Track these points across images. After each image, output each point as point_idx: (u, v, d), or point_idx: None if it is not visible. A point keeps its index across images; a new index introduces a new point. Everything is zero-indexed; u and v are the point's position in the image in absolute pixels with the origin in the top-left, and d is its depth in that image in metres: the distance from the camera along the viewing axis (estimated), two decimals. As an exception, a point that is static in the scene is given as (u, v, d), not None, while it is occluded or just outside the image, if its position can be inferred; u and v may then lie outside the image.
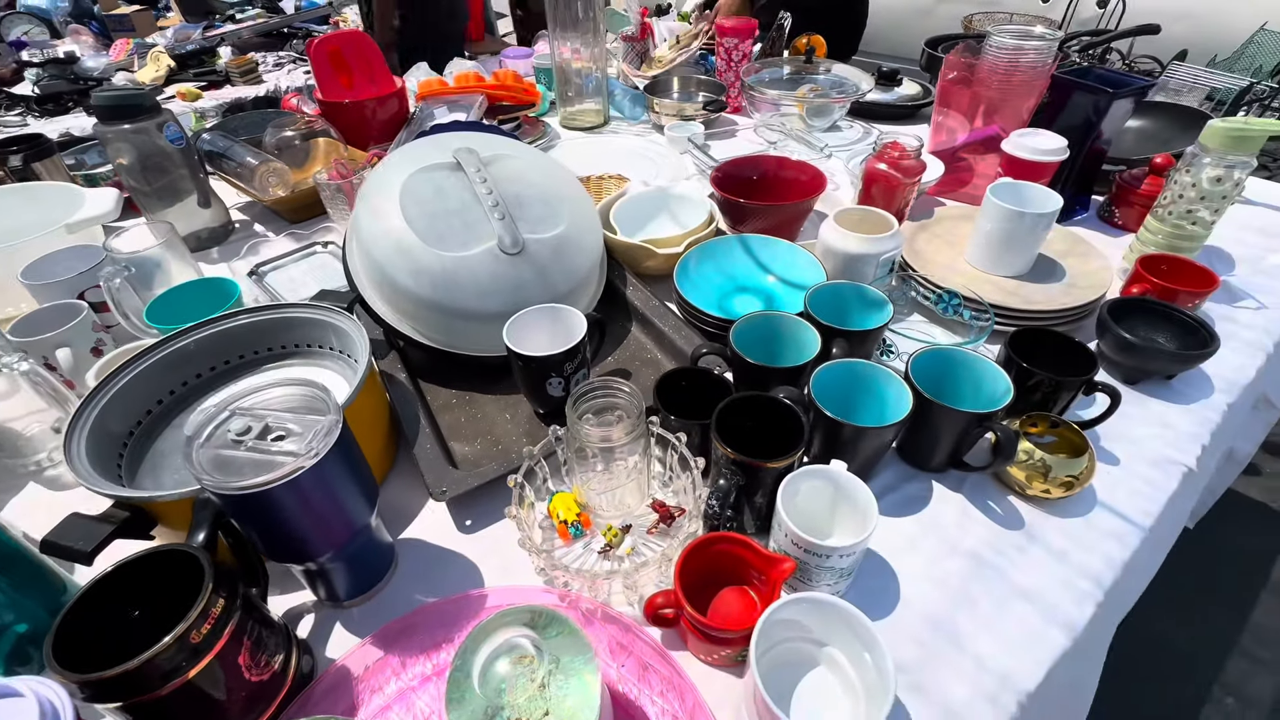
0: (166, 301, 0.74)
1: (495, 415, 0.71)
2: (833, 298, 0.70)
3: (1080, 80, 0.93)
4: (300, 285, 0.90)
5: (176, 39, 2.46)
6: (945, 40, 1.42)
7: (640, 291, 0.83)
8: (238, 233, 1.07)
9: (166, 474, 0.59)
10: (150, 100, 0.91)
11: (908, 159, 0.89)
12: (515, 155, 0.78)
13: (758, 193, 0.97)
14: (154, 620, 0.40)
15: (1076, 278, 0.82)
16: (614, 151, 1.31)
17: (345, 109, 1.19)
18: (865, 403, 0.61)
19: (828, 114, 1.30)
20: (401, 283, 0.69)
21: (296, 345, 0.70)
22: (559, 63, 1.35)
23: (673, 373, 0.63)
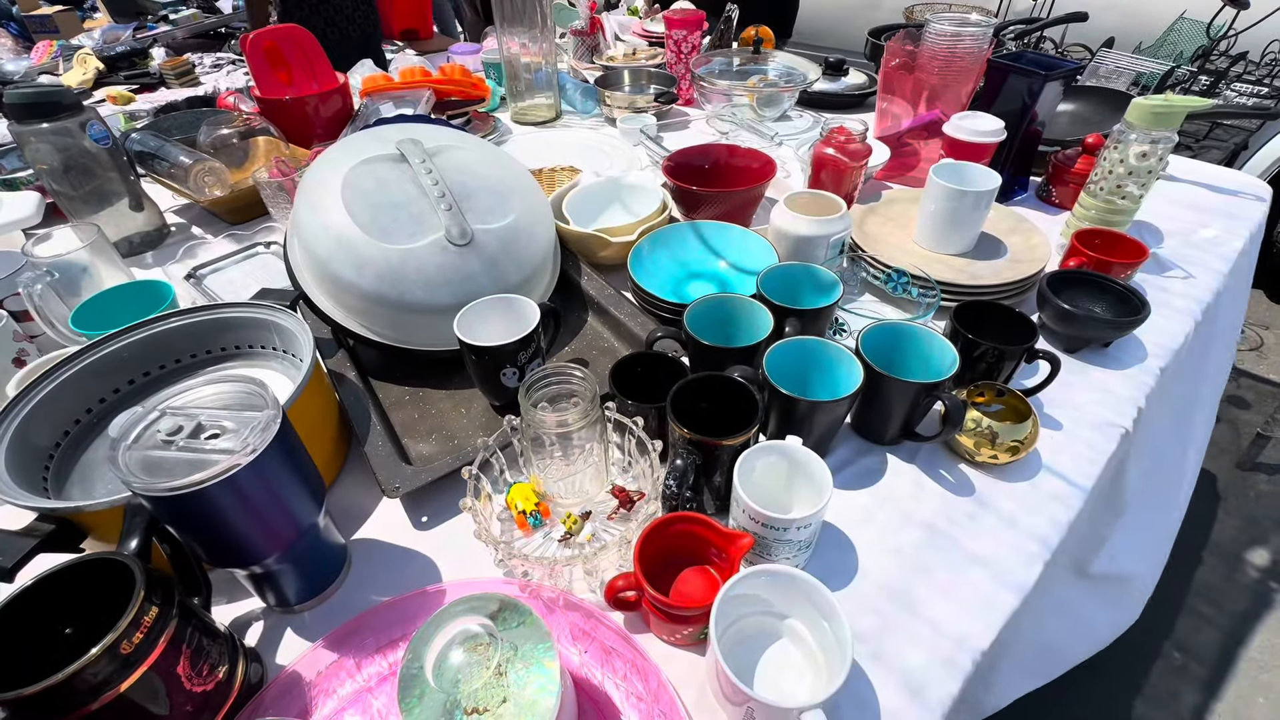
0: (94, 307, 0.70)
1: (449, 411, 0.70)
2: (785, 279, 0.71)
3: (1014, 64, 0.96)
4: (241, 287, 0.87)
5: (105, 40, 2.34)
6: (888, 30, 1.46)
7: (595, 281, 0.82)
8: (174, 236, 1.02)
9: (99, 485, 0.56)
10: (70, 97, 0.86)
11: (854, 143, 0.90)
12: (462, 146, 0.77)
13: (710, 181, 0.97)
14: (87, 635, 0.38)
15: (1019, 253, 0.85)
16: (567, 145, 1.30)
17: (285, 106, 1.15)
18: (819, 379, 0.62)
19: (777, 104, 1.31)
20: (346, 278, 0.67)
21: (237, 347, 0.67)
22: (508, 57, 1.33)
23: (628, 358, 0.63)
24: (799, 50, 2.64)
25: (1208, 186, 1.10)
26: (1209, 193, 1.09)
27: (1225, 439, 1.74)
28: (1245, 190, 1.09)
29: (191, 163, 0.96)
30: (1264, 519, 1.55)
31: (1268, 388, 1.91)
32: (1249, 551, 1.48)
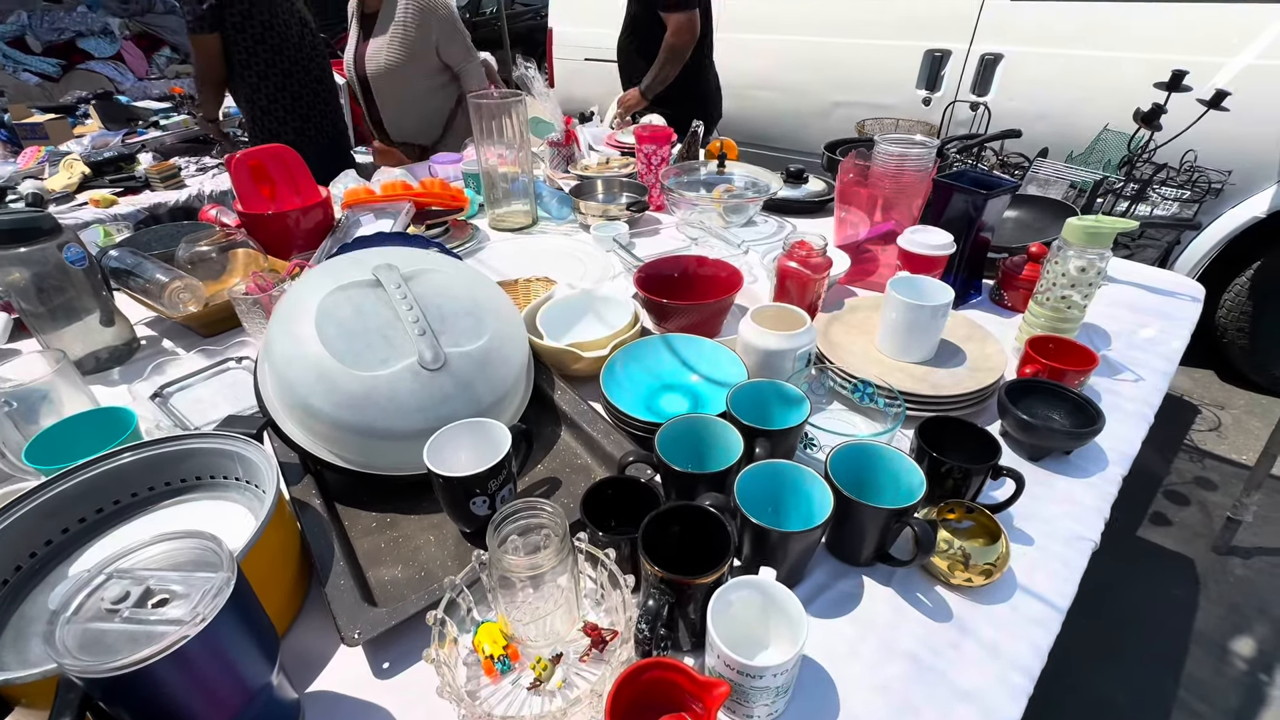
0: (51, 438, 0.68)
1: (419, 537, 0.68)
2: (753, 396, 0.72)
3: (957, 184, 1.03)
4: (209, 406, 0.86)
5: (94, 145, 2.42)
6: (841, 144, 1.57)
7: (568, 395, 0.83)
8: (144, 350, 1.01)
9: (34, 644, 0.52)
10: (49, 222, 0.88)
11: (815, 256, 0.95)
12: (437, 269, 0.79)
13: (679, 290, 1.01)
14: None
15: (976, 361, 0.88)
16: (542, 252, 1.35)
17: (267, 220, 1.18)
18: (791, 501, 0.62)
19: (743, 211, 1.39)
20: (317, 406, 0.66)
21: (198, 478, 0.66)
22: (486, 168, 1.40)
23: (600, 483, 0.63)
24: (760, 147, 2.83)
25: (1145, 287, 1.17)
26: (1147, 293, 1.16)
27: (1198, 522, 1.76)
28: (1180, 291, 1.16)
29: (168, 280, 0.97)
30: (1246, 606, 1.54)
31: (1230, 468, 1.95)
32: (1234, 641, 1.46)
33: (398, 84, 2.03)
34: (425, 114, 2.13)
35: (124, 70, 3.90)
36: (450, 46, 1.99)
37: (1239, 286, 2.15)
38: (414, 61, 1.97)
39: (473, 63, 2.06)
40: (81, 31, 3.84)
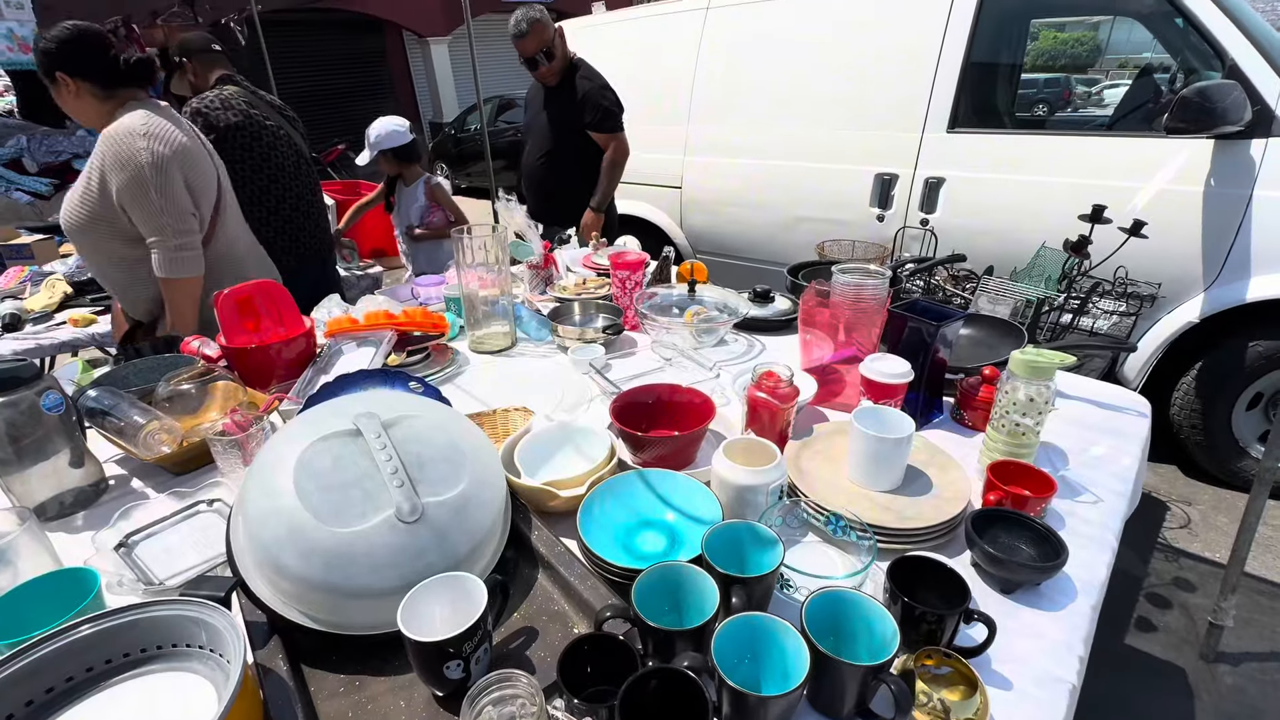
0: (7, 606, 0.66)
1: (389, 702, 0.65)
2: (728, 539, 0.73)
3: (909, 314, 1.11)
4: (177, 555, 0.84)
5: (78, 265, 2.46)
6: (804, 267, 1.69)
7: (545, 535, 0.83)
8: (112, 490, 1.00)
9: None
10: (30, 370, 0.89)
11: (782, 386, 1.00)
12: (417, 415, 0.81)
13: (654, 417, 1.04)
14: None
15: (941, 488, 0.91)
16: (521, 374, 1.39)
17: (250, 353, 1.21)
18: (768, 653, 0.62)
19: (714, 333, 1.46)
20: (290, 565, 0.66)
21: (159, 647, 0.63)
22: (467, 292, 1.46)
23: (576, 642, 0.62)
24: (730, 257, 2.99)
25: (1093, 403, 1.24)
26: (1095, 409, 1.22)
27: (1182, 627, 1.75)
28: (1128, 407, 1.23)
29: (144, 422, 0.97)
30: (1239, 715, 1.51)
31: (1207, 567, 1.97)
32: (1236, 757, 1.42)
33: (85, 246, 1.54)
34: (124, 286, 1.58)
35: (116, 187, 4.05)
36: (134, 211, 1.41)
37: (1186, 385, 2.27)
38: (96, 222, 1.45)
39: (163, 244, 1.43)
40: (78, 153, 4.02)
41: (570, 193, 2.64)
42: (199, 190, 1.51)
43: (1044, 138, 2.39)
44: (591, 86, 2.50)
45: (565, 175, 2.65)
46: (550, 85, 2.56)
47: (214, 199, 1.58)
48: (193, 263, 1.48)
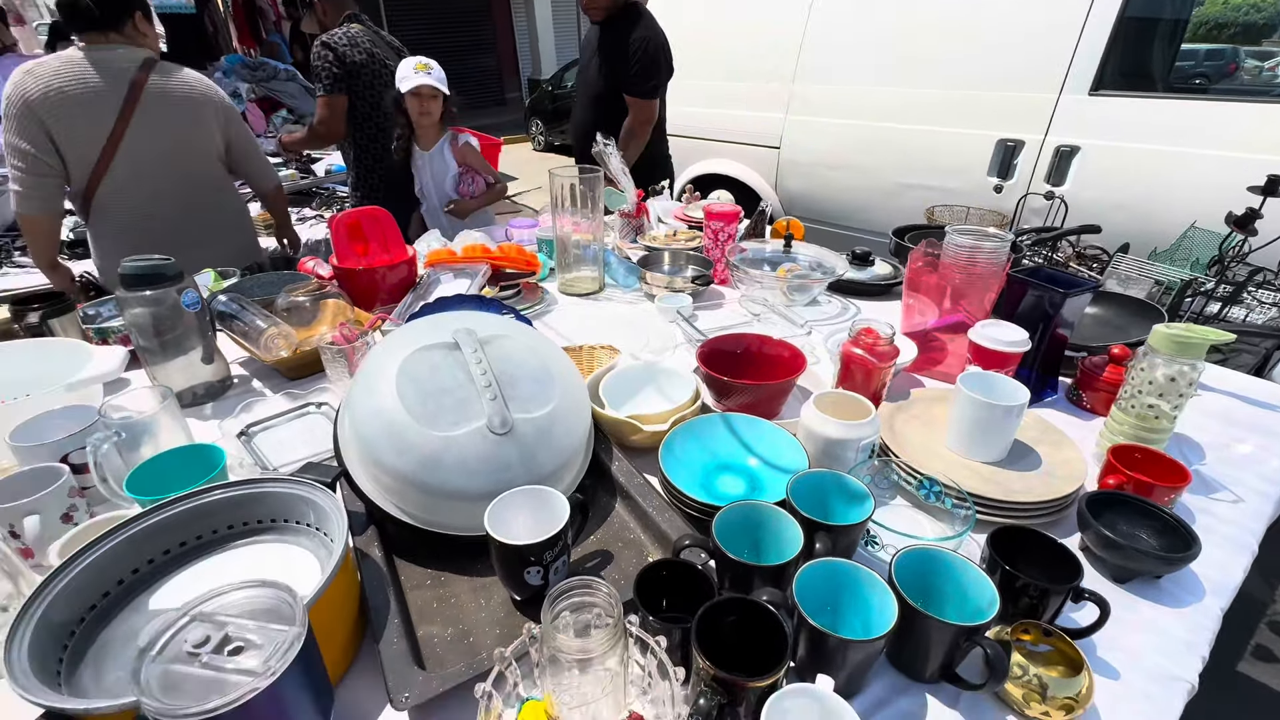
0: (150, 470, 0.73)
1: (468, 600, 0.68)
2: (815, 487, 0.71)
3: (1031, 279, 1.02)
4: (288, 448, 0.90)
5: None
6: (910, 230, 1.58)
7: (625, 467, 0.83)
8: (235, 388, 1.09)
9: (111, 670, 0.55)
10: (174, 269, 0.98)
11: (882, 344, 0.94)
12: (511, 335, 0.83)
13: (741, 368, 1.01)
14: None
15: (1053, 466, 0.84)
16: (607, 318, 1.39)
17: (358, 275, 1.28)
18: (851, 605, 0.59)
19: (807, 291, 1.40)
20: (388, 461, 0.69)
21: (273, 520, 0.69)
22: (560, 234, 1.47)
23: (654, 565, 0.62)
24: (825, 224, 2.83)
25: (1240, 397, 1.10)
26: (1242, 404, 1.08)
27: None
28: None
29: (266, 327, 1.05)
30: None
31: (1348, 602, 1.74)
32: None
33: None
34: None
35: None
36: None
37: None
38: None
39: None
40: (215, 94, 4.36)
41: None
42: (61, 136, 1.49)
43: (1210, 103, 2.09)
44: (641, 38, 2.15)
45: (611, 130, 2.31)
46: (597, 22, 2.23)
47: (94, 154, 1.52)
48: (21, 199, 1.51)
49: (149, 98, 1.53)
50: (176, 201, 1.64)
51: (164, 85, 1.56)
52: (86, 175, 1.53)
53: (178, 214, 1.65)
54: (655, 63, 2.20)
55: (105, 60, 1.50)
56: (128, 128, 1.52)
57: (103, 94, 1.49)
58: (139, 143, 1.54)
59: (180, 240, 1.62)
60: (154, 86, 1.54)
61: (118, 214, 1.59)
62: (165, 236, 1.61)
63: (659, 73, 2.22)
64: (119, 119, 1.51)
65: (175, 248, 1.57)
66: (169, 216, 1.64)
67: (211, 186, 1.72)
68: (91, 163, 1.52)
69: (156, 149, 1.57)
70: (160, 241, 1.57)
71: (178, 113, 1.59)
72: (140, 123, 1.53)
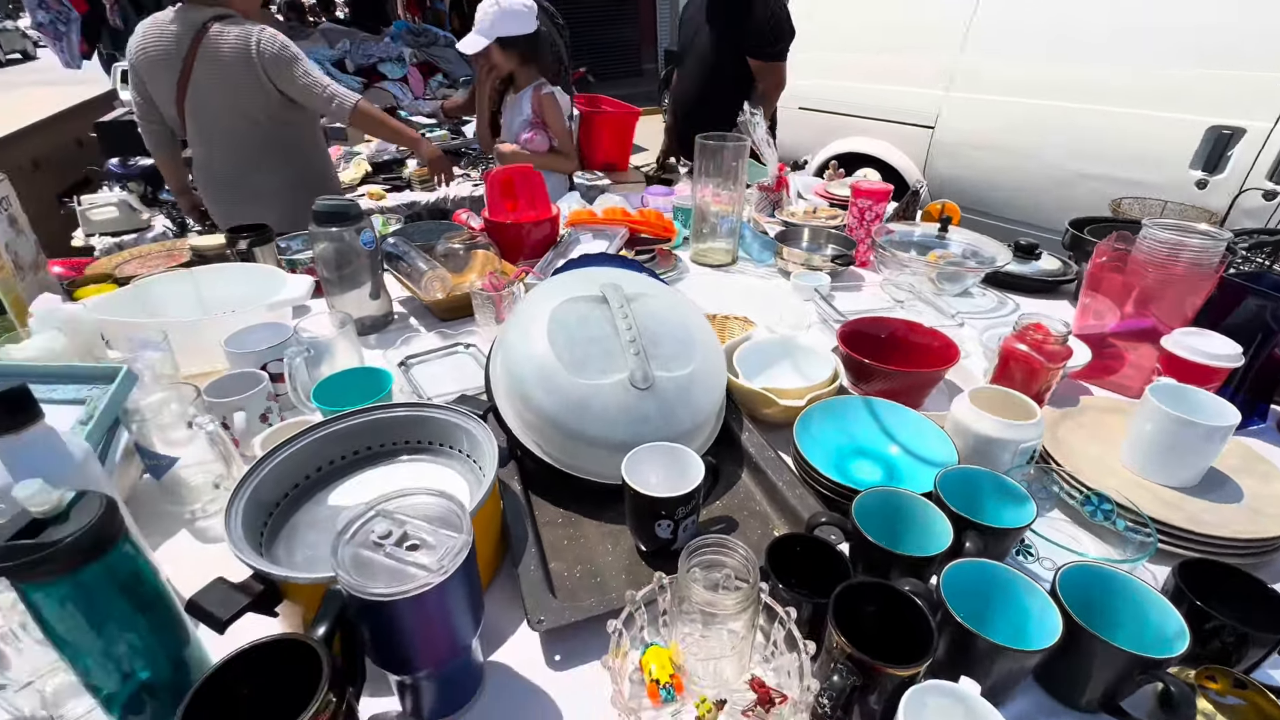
0: (330, 385, 0.82)
1: (597, 543, 0.71)
2: (966, 483, 0.66)
3: (1251, 285, 0.87)
4: (439, 381, 0.98)
5: (377, 149, 2.93)
6: (1090, 222, 1.40)
7: (756, 439, 0.82)
8: (395, 324, 1.20)
9: (299, 549, 0.63)
10: (356, 210, 1.08)
11: (1052, 343, 0.85)
12: (655, 295, 0.84)
13: (883, 353, 0.96)
14: (262, 699, 0.41)
15: (1260, 503, 0.72)
16: (739, 290, 1.37)
17: (506, 228, 1.35)
18: (1001, 610, 0.55)
19: (960, 280, 1.29)
20: (536, 400, 0.73)
21: (431, 442, 0.75)
22: (699, 203, 1.46)
23: (787, 538, 0.61)
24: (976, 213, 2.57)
25: None
26: None
27: None
28: None
29: (427, 269, 1.14)
30: None
31: None
32: None
33: None
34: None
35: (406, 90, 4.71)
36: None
37: None
38: None
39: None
40: (383, 57, 4.72)
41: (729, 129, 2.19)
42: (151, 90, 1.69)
43: None
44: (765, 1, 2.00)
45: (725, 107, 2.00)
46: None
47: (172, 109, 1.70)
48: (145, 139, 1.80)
49: (202, 59, 1.61)
50: (229, 156, 1.75)
51: (215, 45, 1.60)
52: (177, 128, 1.75)
53: (231, 168, 1.76)
54: (783, 23, 2.08)
55: (179, 21, 1.60)
56: (187, 86, 1.65)
57: (171, 55, 1.61)
58: (196, 100, 1.67)
59: (241, 196, 1.77)
60: (206, 47, 1.60)
61: (195, 165, 1.81)
62: (226, 189, 1.78)
63: (787, 34, 2.10)
64: (180, 79, 1.64)
65: (232, 202, 1.77)
66: (225, 175, 1.77)
67: (262, 148, 1.75)
68: (174, 117, 1.72)
69: (210, 106, 1.68)
70: (220, 192, 1.80)
71: (225, 71, 1.63)
72: (196, 83, 1.64)
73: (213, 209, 1.86)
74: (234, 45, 1.60)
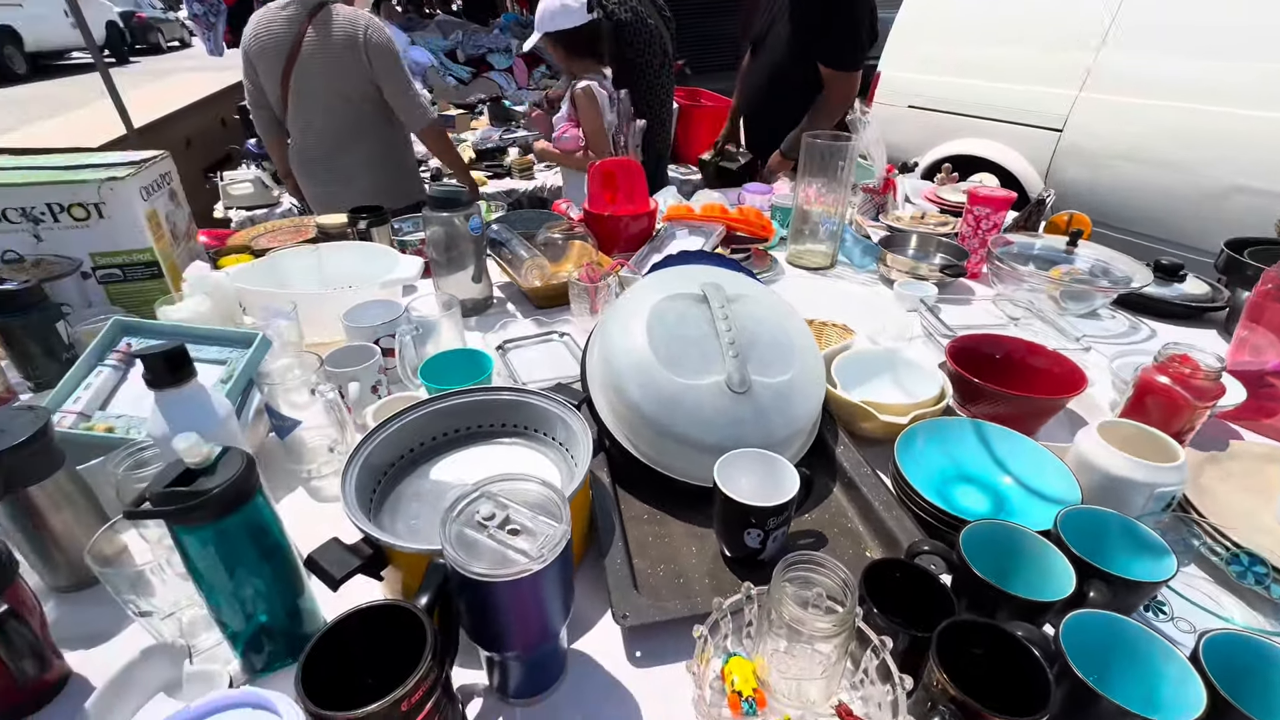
0: (436, 362, 0.86)
1: (681, 544, 0.71)
2: (1092, 526, 0.60)
3: None
4: (534, 367, 1.01)
5: (482, 137, 3.05)
6: (1252, 244, 1.24)
7: (851, 454, 0.79)
8: (494, 308, 1.24)
9: (400, 518, 0.66)
10: (466, 197, 1.12)
11: (1201, 378, 0.76)
12: (756, 297, 0.82)
13: (997, 374, 0.89)
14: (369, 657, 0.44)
15: None
16: (836, 295, 1.32)
17: (604, 220, 1.36)
18: (1127, 670, 0.50)
19: (1087, 300, 1.18)
20: (630, 394, 0.73)
21: (527, 427, 0.77)
22: (801, 204, 1.42)
23: (885, 562, 0.58)
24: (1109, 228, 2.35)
25: None
26: None
27: None
28: None
29: (528, 257, 1.17)
30: None
31: None
32: None
33: None
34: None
35: (510, 80, 4.87)
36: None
37: None
38: None
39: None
40: (492, 48, 4.90)
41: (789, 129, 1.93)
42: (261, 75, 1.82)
43: None
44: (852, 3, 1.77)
45: (789, 109, 1.92)
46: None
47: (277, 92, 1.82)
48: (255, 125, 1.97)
49: (307, 47, 1.73)
50: (325, 139, 1.86)
51: (321, 34, 1.73)
52: (280, 111, 1.86)
53: (326, 150, 1.88)
54: (865, 30, 1.82)
55: (289, 10, 1.72)
56: (291, 73, 1.76)
57: (280, 43, 1.73)
58: (299, 86, 1.79)
59: (331, 174, 1.90)
60: (312, 36, 1.72)
61: (292, 145, 1.93)
62: (318, 168, 1.91)
63: (867, 44, 1.85)
64: (285, 66, 1.75)
65: (327, 180, 1.90)
66: (319, 153, 1.89)
67: (356, 129, 1.86)
68: (278, 102, 1.84)
69: (312, 91, 1.79)
70: (314, 172, 1.92)
71: (330, 59, 1.75)
72: (300, 69, 1.76)
73: (306, 188, 2.00)
74: (343, 27, 1.73)
